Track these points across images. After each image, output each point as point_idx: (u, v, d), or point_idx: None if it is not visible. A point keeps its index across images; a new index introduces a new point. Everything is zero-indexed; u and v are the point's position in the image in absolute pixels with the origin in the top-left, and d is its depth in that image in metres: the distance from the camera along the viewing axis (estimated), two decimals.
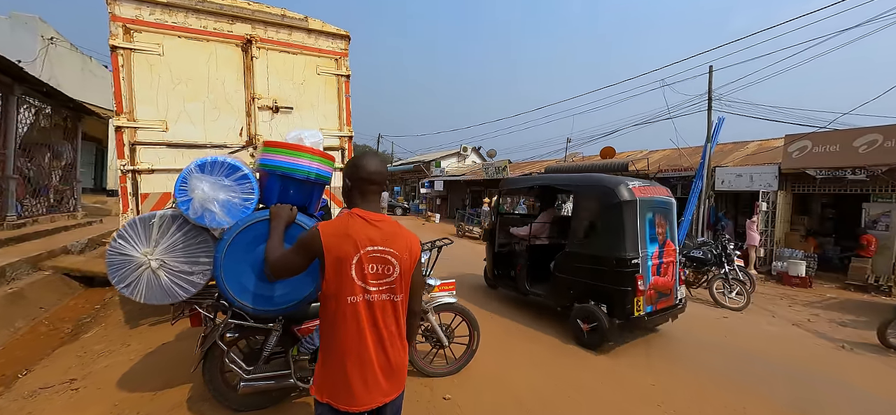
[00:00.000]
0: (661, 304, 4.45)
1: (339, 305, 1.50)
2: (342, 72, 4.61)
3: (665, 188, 4.93)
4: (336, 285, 1.48)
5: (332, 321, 1.52)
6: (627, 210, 4.21)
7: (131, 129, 3.65)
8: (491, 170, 19.88)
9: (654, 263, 4.34)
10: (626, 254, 4.11)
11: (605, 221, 4.35)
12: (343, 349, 1.50)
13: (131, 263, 2.12)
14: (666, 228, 4.59)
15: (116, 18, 3.56)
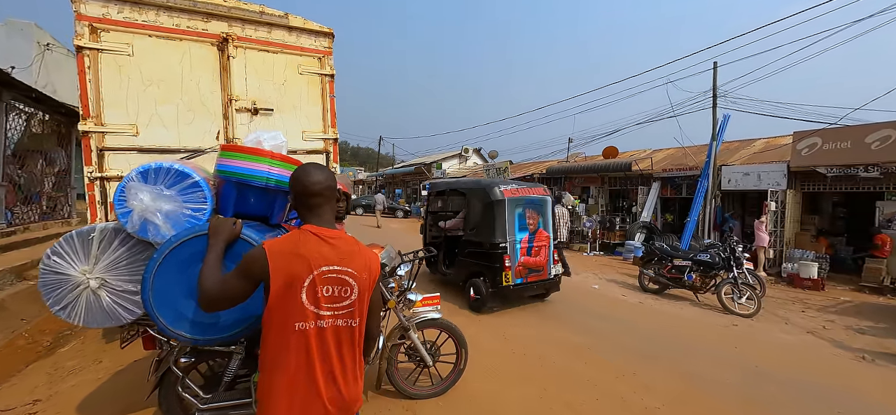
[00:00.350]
0: (532, 278, 5.86)
1: (284, 333, 1.34)
2: (326, 71, 4.40)
3: (541, 188, 6.39)
4: (282, 311, 1.33)
5: (275, 352, 1.35)
6: (498, 207, 5.61)
7: (99, 134, 3.45)
8: (492, 171, 19.62)
9: (524, 246, 5.74)
10: (496, 240, 5.55)
11: (483, 215, 5.78)
12: (288, 383, 1.34)
13: (68, 283, 1.90)
14: (538, 219, 5.96)
15: (82, 17, 3.36)
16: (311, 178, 1.45)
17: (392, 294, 2.80)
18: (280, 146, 2.22)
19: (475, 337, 4.76)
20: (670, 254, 7.61)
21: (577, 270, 10.01)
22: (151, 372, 2.26)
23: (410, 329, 2.86)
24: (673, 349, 4.67)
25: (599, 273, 9.65)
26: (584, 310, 6.27)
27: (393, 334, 2.93)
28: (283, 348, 1.34)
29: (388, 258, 2.79)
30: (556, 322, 5.52)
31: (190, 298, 1.79)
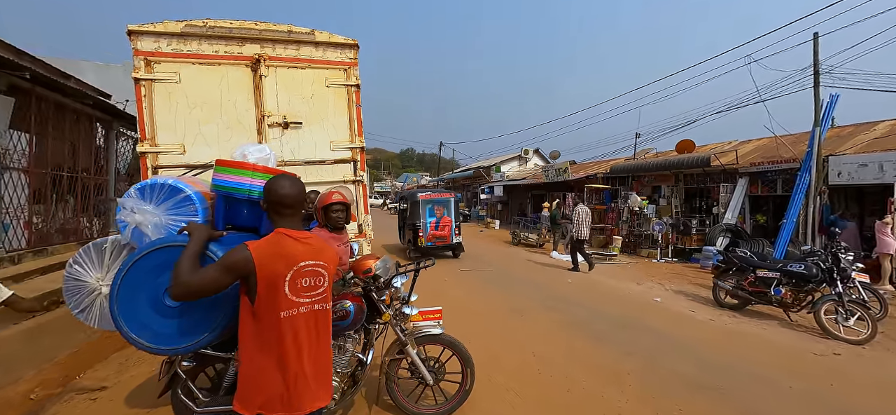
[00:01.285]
0: (439, 243, 10.99)
1: (272, 321, 1.58)
2: (351, 82, 4.51)
3: (448, 192, 12.25)
4: (269, 303, 1.57)
5: (264, 337, 1.59)
6: (416, 205, 10.96)
7: (154, 154, 3.90)
8: (552, 172, 18.77)
9: (433, 224, 10.89)
10: (415, 222, 10.85)
11: (412, 210, 11.11)
12: (278, 361, 1.58)
13: (85, 289, 2.13)
14: (443, 211, 11.03)
15: (139, 52, 3.84)
16: (283, 189, 1.67)
17: (387, 307, 2.72)
18: (266, 159, 2.27)
19: (495, 351, 4.50)
20: (752, 263, 6.52)
21: (638, 278, 9.10)
22: (162, 374, 2.45)
23: (408, 344, 2.75)
24: (742, 381, 3.91)
25: (667, 283, 8.64)
26: (634, 326, 5.62)
27: (391, 348, 2.84)
28: (274, 332, 1.57)
29: (383, 269, 2.71)
30: (596, 339, 5.00)
31: (152, 309, 1.88)
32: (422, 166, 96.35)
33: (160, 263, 1.84)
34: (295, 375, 1.59)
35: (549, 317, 5.90)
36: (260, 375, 1.58)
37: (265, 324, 1.58)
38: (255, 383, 1.58)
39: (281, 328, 1.57)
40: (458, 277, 8.91)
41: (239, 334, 1.63)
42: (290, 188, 1.68)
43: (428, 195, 11.16)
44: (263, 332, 1.58)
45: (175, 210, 2.07)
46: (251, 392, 1.59)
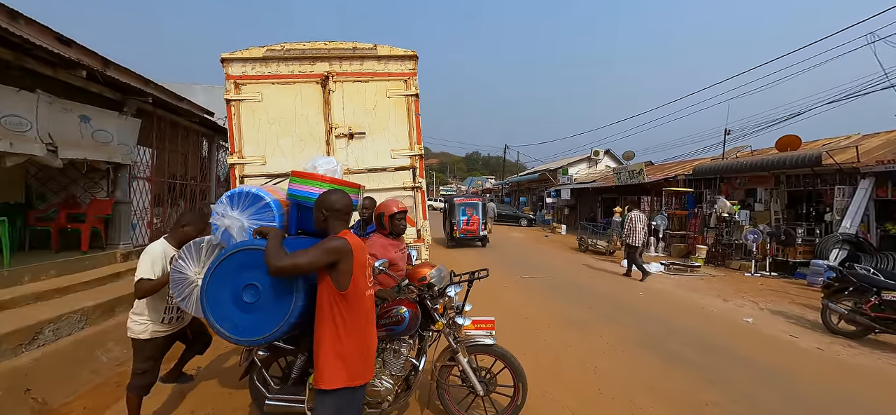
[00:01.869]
0: (469, 235, 14.25)
1: (360, 301, 1.97)
2: (411, 92, 4.68)
3: (477, 196, 17.69)
4: (358, 285, 1.96)
5: (355, 317, 1.95)
6: (452, 207, 14.51)
7: (240, 165, 4.42)
8: (624, 175, 17.53)
9: (464, 221, 14.18)
10: (452, 219, 14.35)
11: (450, 210, 14.69)
12: (361, 334, 1.98)
13: (185, 281, 2.48)
14: (473, 211, 14.34)
15: (229, 76, 4.39)
16: (339, 203, 2.07)
17: (440, 316, 2.76)
18: (333, 170, 2.47)
19: (552, 364, 4.32)
20: (877, 282, 5.43)
21: (726, 293, 8.10)
22: (242, 360, 2.76)
23: (459, 352, 2.76)
24: None
25: (761, 301, 7.58)
26: (718, 348, 4.99)
27: (443, 354, 2.87)
28: (360, 312, 1.97)
29: (438, 278, 2.76)
30: (669, 361, 4.51)
31: (233, 303, 2.13)
32: (487, 169, 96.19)
33: (241, 264, 2.11)
34: (369, 347, 2.03)
35: (614, 331, 5.52)
36: (354, 350, 1.94)
37: (355, 304, 1.94)
38: (343, 357, 1.91)
39: (365, 306, 2.00)
40: (517, 283, 8.72)
41: (327, 321, 1.92)
42: (340, 199, 2.07)
43: (462, 199, 15.16)
44: (354, 312, 1.94)
45: (256, 215, 2.34)
46: (337, 366, 1.91)
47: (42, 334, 3.89)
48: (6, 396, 3.24)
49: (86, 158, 5.60)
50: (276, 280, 2.09)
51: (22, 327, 3.73)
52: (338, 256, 1.89)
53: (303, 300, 2.10)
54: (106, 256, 6.08)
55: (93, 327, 4.41)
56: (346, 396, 1.94)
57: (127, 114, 6.41)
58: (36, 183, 6.83)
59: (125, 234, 6.58)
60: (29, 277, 4.80)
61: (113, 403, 3.50)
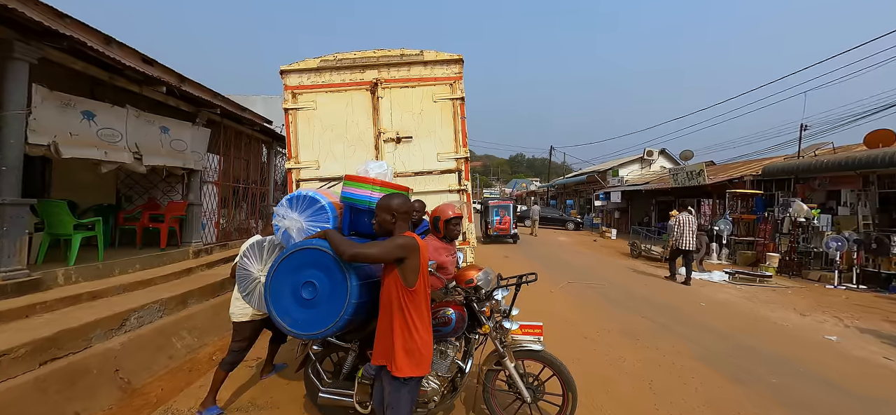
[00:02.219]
0: (501, 232, 16.88)
1: (427, 297, 2.12)
2: (457, 95, 4.71)
3: (509, 199, 21.84)
4: (425, 282, 2.10)
5: (423, 311, 2.09)
6: (487, 209, 17.78)
7: (296, 169, 4.69)
8: (682, 176, 16.40)
9: (497, 221, 16.90)
10: (487, 219, 17.47)
11: (485, 211, 18.13)
12: (427, 327, 2.11)
13: (250, 277, 2.68)
14: (505, 212, 17.08)
15: (287, 87, 4.68)
16: (403, 207, 2.16)
17: (487, 319, 2.74)
18: (383, 174, 2.56)
19: (605, 375, 4.12)
20: None
21: (803, 307, 7.29)
22: (299, 353, 2.92)
23: (505, 357, 2.71)
24: None
25: (847, 317, 6.74)
26: (794, 369, 4.49)
27: (489, 358, 2.84)
28: (426, 308, 2.11)
29: (485, 281, 2.74)
30: (736, 381, 4.09)
31: (292, 299, 2.26)
32: (531, 171, 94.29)
33: (300, 263, 2.24)
34: (431, 342, 2.14)
35: (672, 344, 5.17)
36: (425, 342, 2.08)
37: (421, 299, 2.07)
38: (423, 349, 2.06)
39: (428, 303, 2.13)
40: (566, 289, 8.45)
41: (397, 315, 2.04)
42: (402, 203, 2.18)
43: (495, 202, 17.94)
44: (420, 306, 2.07)
45: (313, 217, 2.48)
46: (422, 357, 2.06)
47: (128, 322, 4.35)
48: (99, 374, 3.67)
49: (165, 164, 6.23)
50: (332, 280, 2.20)
51: (113, 314, 4.20)
52: (407, 253, 2.00)
53: (356, 298, 2.19)
54: (180, 253, 6.70)
55: (169, 317, 4.87)
56: (419, 384, 2.14)
57: (199, 124, 7.04)
58: (123, 187, 7.70)
59: (196, 233, 7.22)
60: (118, 270, 5.41)
61: (185, 386, 3.85)
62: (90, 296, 4.55)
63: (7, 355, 3.13)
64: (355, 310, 2.21)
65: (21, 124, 4.13)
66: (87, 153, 4.91)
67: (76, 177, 6.65)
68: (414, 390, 2.11)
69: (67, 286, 4.65)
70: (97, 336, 3.94)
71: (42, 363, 3.36)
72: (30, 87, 4.21)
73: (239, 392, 3.64)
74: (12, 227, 4.09)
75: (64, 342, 3.59)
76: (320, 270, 2.19)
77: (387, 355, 2.08)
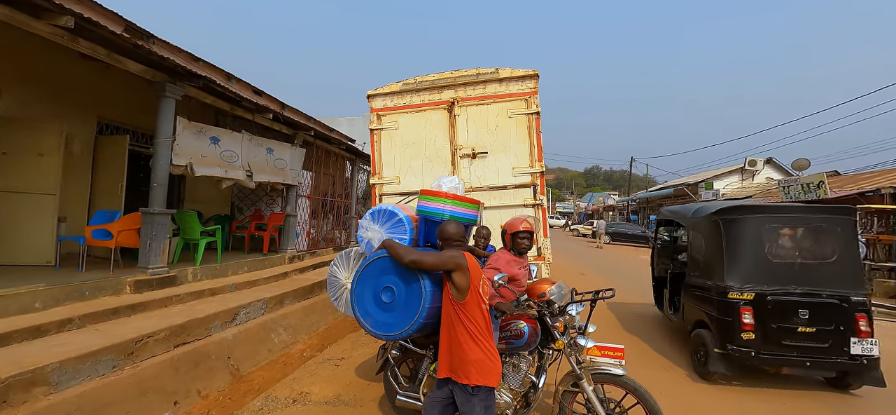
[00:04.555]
0: None
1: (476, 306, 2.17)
2: (532, 110, 4.71)
3: None
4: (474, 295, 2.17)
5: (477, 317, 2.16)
6: None
7: (380, 184, 5.05)
8: (795, 189, 14.19)
9: None
10: None
11: None
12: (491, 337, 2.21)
13: (338, 284, 2.96)
14: None
15: (373, 110, 5.10)
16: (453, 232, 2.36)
17: (560, 334, 2.66)
18: (455, 188, 2.68)
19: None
20: None
21: None
22: (379, 357, 3.12)
23: (583, 379, 2.60)
24: None
25: None
26: None
27: (566, 378, 2.74)
28: (479, 314, 2.16)
29: (558, 295, 2.68)
30: None
31: (374, 302, 2.44)
32: (609, 184, 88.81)
33: (379, 269, 2.43)
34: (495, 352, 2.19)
35: (787, 384, 4.46)
36: (491, 352, 2.15)
37: (478, 311, 2.15)
38: (492, 359, 2.14)
39: (485, 315, 2.19)
40: (648, 312, 7.76)
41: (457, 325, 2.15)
42: (455, 229, 2.37)
43: None
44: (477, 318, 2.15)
45: (392, 229, 2.68)
46: (492, 364, 2.13)
47: (238, 316, 5.02)
48: (216, 359, 4.28)
49: (270, 180, 7.12)
50: (409, 285, 2.35)
51: (227, 309, 4.88)
52: (455, 265, 2.14)
53: (429, 303, 2.32)
54: (278, 258, 7.57)
55: (269, 314, 5.52)
56: (491, 395, 2.18)
57: (296, 145, 7.94)
58: (236, 200, 8.95)
59: (292, 241, 8.10)
60: (231, 271, 6.29)
61: (281, 377, 4.31)
62: (210, 292, 5.35)
63: (153, 336, 3.83)
64: (429, 313, 2.33)
65: (168, 150, 5.08)
66: (213, 172, 5.83)
67: (202, 191, 7.92)
68: (486, 400, 2.13)
69: (194, 283, 5.53)
70: (215, 327, 4.61)
71: (176, 346, 4.03)
72: (175, 119, 5.15)
73: (327, 388, 3.98)
74: (159, 232, 5.00)
75: (191, 330, 4.27)
76: (398, 276, 2.37)
77: (451, 366, 2.17)
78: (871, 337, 3.92)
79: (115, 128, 6.47)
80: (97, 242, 5.01)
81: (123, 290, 4.59)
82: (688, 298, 5.04)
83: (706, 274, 4.57)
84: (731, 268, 4.21)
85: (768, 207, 5.86)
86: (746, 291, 4.07)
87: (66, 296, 4.05)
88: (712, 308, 4.33)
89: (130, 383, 3.35)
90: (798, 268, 4.20)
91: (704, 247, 4.71)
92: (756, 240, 4.29)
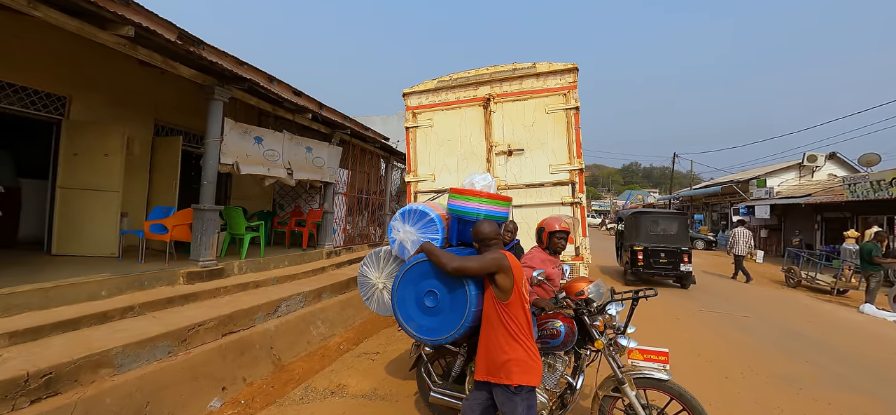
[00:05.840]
0: None
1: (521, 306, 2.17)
2: (571, 105, 4.56)
3: None
4: (518, 294, 2.16)
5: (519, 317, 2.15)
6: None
7: (415, 182, 5.08)
8: (863, 186, 12.91)
9: None
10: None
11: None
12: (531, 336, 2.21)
13: (369, 283, 2.98)
14: None
15: (409, 108, 5.13)
16: (486, 231, 2.31)
17: (599, 334, 2.55)
18: (488, 186, 2.63)
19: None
20: None
21: None
22: (412, 353, 3.13)
23: (625, 383, 2.48)
24: None
25: None
26: None
27: (606, 383, 2.62)
28: (523, 314, 2.15)
29: (597, 294, 2.57)
30: None
31: (417, 307, 2.43)
32: (648, 182, 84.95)
33: (422, 272, 2.42)
34: (537, 351, 2.18)
35: (853, 401, 4.07)
36: (533, 352, 2.14)
37: (521, 312, 2.14)
38: (534, 359, 2.12)
39: (528, 315, 2.17)
40: (696, 318, 7.33)
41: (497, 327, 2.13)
42: (490, 229, 2.32)
43: None
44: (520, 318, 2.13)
45: (424, 229, 2.67)
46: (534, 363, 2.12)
47: (280, 308, 5.23)
48: (260, 349, 4.48)
49: (309, 178, 7.36)
50: (453, 289, 2.32)
51: (269, 301, 5.10)
52: (499, 267, 2.11)
53: (475, 306, 2.27)
54: (317, 253, 7.82)
55: (309, 307, 5.71)
56: (533, 394, 2.16)
57: (333, 143, 8.16)
58: (278, 196, 9.33)
59: (329, 237, 8.34)
60: (273, 265, 6.56)
61: (320, 369, 4.45)
62: (254, 285, 5.61)
63: (204, 325, 4.06)
64: (475, 317, 2.29)
65: (216, 149, 5.36)
66: (257, 170, 6.10)
67: (246, 189, 8.32)
68: (529, 399, 2.10)
69: (240, 275, 5.82)
70: (259, 318, 4.83)
71: (223, 335, 4.25)
72: (223, 120, 5.43)
73: (363, 381, 4.06)
74: (208, 227, 5.30)
75: (238, 320, 4.49)
76: (440, 281, 2.33)
77: (492, 369, 2.14)
78: (689, 263, 9.22)
79: (169, 130, 6.92)
80: (154, 236, 5.38)
81: (177, 280, 4.90)
82: (624, 251, 10.53)
83: (628, 240, 10.00)
84: (635, 236, 9.57)
85: (649, 211, 10.72)
86: (640, 245, 9.32)
87: (128, 285, 4.38)
88: (629, 254, 9.68)
89: (184, 367, 3.56)
90: (661, 235, 9.56)
91: (627, 229, 10.33)
92: (644, 225, 9.77)
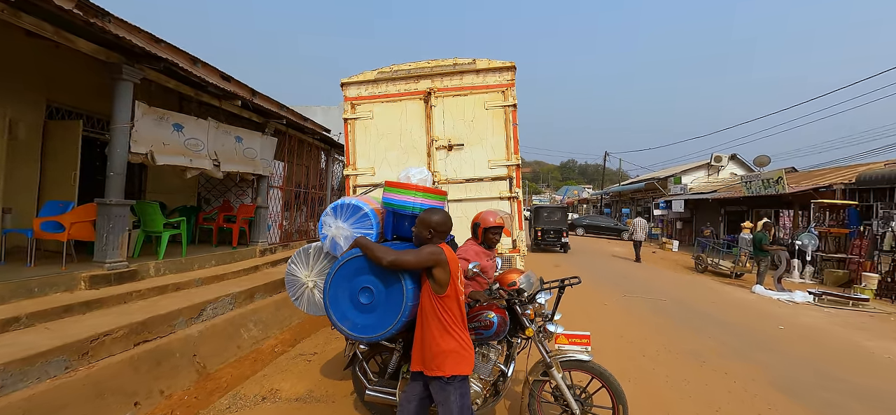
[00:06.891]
0: None
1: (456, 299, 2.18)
2: (509, 102, 4.70)
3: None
4: (454, 289, 2.16)
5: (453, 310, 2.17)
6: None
7: (354, 175, 4.92)
8: (756, 184, 14.92)
9: None
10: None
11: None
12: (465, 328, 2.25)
13: (298, 282, 2.83)
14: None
15: (347, 98, 4.94)
16: (437, 220, 2.26)
17: (530, 322, 2.69)
18: (424, 180, 2.62)
19: (664, 399, 3.84)
20: None
21: None
22: (347, 352, 3.05)
23: (553, 367, 2.64)
24: None
25: None
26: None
27: (535, 368, 2.77)
28: (457, 307, 2.17)
29: (527, 284, 2.70)
30: None
31: (350, 303, 2.36)
32: (584, 178, 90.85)
33: (354, 270, 2.35)
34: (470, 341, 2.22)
35: (745, 368, 4.70)
36: (467, 342, 2.18)
37: (455, 304, 2.16)
38: (467, 348, 2.17)
39: (462, 307, 2.20)
40: (619, 302, 8.01)
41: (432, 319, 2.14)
42: (439, 218, 2.27)
43: None
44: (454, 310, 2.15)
45: (357, 224, 2.59)
46: (468, 353, 2.17)
47: (205, 312, 4.82)
48: (181, 357, 4.10)
49: (239, 170, 6.85)
50: (389, 285, 2.28)
51: (192, 304, 4.68)
52: (436, 261, 2.11)
53: (412, 301, 2.25)
54: (249, 251, 7.32)
55: (239, 309, 5.33)
56: (466, 383, 2.19)
57: (267, 134, 7.66)
58: (203, 190, 8.57)
59: (263, 233, 7.84)
60: (197, 265, 6.03)
61: (251, 374, 4.18)
62: (174, 287, 5.11)
63: (110, 334, 3.61)
64: (411, 311, 2.28)
65: (125, 136, 4.78)
66: (177, 160, 5.54)
67: (165, 181, 7.52)
68: (461, 388, 2.15)
69: (157, 278, 5.26)
70: (179, 323, 4.41)
71: (136, 344, 3.83)
72: (133, 104, 4.85)
73: (298, 384, 3.88)
74: (117, 224, 4.72)
75: (153, 327, 4.06)
76: (375, 276, 2.28)
77: (423, 361, 2.17)
78: (567, 238, 16.53)
79: (67, 112, 6.03)
80: (48, 235, 4.68)
81: (77, 286, 4.31)
82: (532, 231, 17.12)
83: (534, 224, 16.95)
84: (537, 222, 16.64)
85: (544, 206, 18.05)
86: (539, 227, 16.30)
87: (12, 293, 3.77)
88: (534, 233, 16.72)
89: (85, 383, 3.15)
90: (551, 220, 16.64)
91: (534, 216, 17.39)
92: (541, 215, 16.85)
